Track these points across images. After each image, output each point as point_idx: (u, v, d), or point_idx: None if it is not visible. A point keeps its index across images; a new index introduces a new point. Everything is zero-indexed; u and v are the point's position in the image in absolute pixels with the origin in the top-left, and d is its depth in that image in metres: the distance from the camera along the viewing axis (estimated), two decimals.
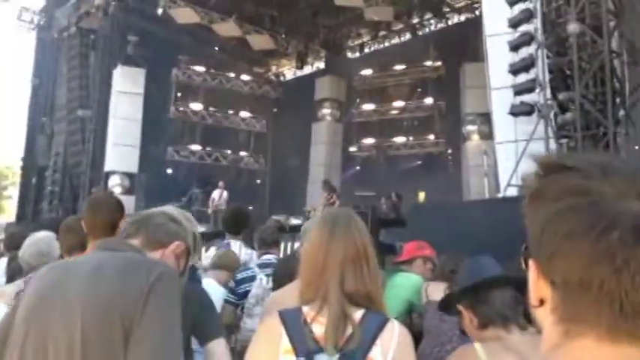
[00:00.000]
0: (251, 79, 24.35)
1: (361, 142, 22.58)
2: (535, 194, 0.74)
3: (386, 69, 22.23)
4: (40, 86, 22.97)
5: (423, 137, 21.13)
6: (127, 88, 19.15)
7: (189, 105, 22.75)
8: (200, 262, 5.43)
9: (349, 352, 1.71)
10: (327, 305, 1.78)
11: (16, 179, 28.99)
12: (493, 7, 11.12)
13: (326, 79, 23.08)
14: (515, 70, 10.26)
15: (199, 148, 22.70)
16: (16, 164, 29.17)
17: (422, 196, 17.24)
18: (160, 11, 19.20)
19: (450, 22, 20.87)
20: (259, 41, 21.58)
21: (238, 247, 5.09)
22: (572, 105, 9.96)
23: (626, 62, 10.32)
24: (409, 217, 9.38)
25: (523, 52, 10.29)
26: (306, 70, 24.63)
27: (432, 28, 21.37)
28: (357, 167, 22.13)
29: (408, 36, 22.06)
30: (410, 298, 4.17)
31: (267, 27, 21.60)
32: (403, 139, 21.67)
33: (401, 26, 22.01)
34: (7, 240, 5.31)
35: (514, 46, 10.32)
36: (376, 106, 22.54)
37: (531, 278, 0.74)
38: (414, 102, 21.64)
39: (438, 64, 20.74)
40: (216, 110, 23.33)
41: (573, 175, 0.70)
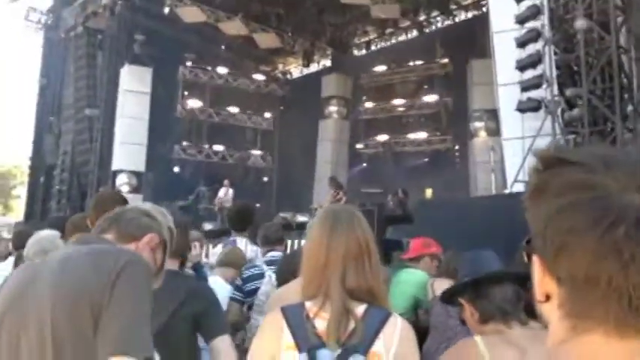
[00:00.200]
0: (258, 77, 24.35)
1: (368, 139, 22.51)
2: (536, 189, 0.73)
3: (392, 66, 22.17)
4: (47, 86, 23.07)
5: (430, 134, 21.07)
6: (134, 87, 19.20)
7: (195, 103, 22.77)
8: (207, 260, 5.46)
9: (351, 346, 1.71)
10: (330, 301, 1.79)
11: (25, 179, 29.12)
12: (500, 3, 11.09)
13: (332, 76, 23.06)
14: (522, 66, 10.23)
15: (206, 146, 22.74)
16: (24, 164, 29.35)
17: (429, 192, 17.21)
18: (167, 10, 19.26)
19: (457, 19, 20.83)
20: (266, 39, 21.61)
21: (244, 244, 5.09)
22: (580, 101, 9.92)
23: (633, 58, 10.26)
24: (416, 214, 9.39)
25: (530, 49, 10.26)
26: (313, 67, 24.61)
27: (439, 25, 21.32)
28: (364, 164, 22.10)
29: (414, 33, 22.00)
30: (415, 294, 4.17)
31: (273, 25, 21.61)
32: (410, 136, 21.61)
33: (408, 23, 21.94)
34: (15, 239, 5.35)
35: (521, 43, 10.28)
36: (383, 103, 22.47)
37: (536, 274, 0.73)
38: (421, 99, 21.59)
39: (445, 60, 20.65)
40: (223, 108, 23.35)
41: (575, 169, 0.69)
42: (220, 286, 4.15)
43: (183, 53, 21.73)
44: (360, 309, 1.79)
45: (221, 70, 23.09)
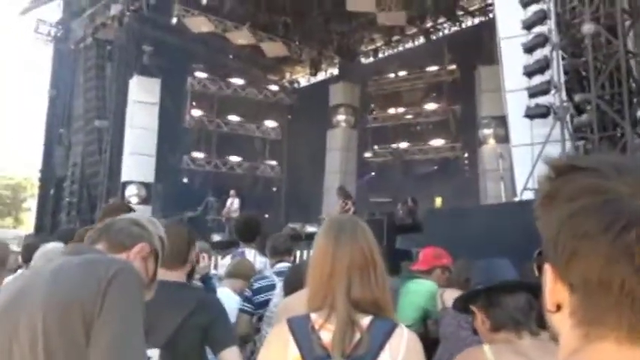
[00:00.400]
0: (265, 86, 24.42)
1: (376, 147, 22.47)
2: (547, 196, 0.74)
3: (400, 74, 22.18)
4: (57, 97, 23.19)
5: (438, 142, 21.02)
6: (142, 98, 19.28)
7: (204, 113, 22.85)
8: (216, 271, 5.45)
9: (357, 358, 1.71)
10: (335, 312, 1.78)
11: (35, 191, 29.27)
12: (507, 9, 11.06)
13: (340, 85, 23.06)
14: (529, 72, 10.18)
15: (215, 156, 22.78)
16: (34, 176, 29.48)
17: (439, 201, 17.14)
18: (174, 21, 19.32)
19: (464, 26, 20.81)
20: (273, 49, 21.69)
21: (253, 256, 5.08)
22: (589, 106, 9.86)
23: None
24: (425, 223, 9.36)
25: (537, 54, 10.21)
26: (320, 76, 24.64)
27: (446, 31, 21.29)
28: (373, 173, 22.06)
29: (421, 40, 21.97)
30: (424, 305, 4.13)
31: (280, 34, 21.68)
32: (419, 144, 21.57)
33: (414, 30, 21.95)
34: (23, 252, 5.34)
35: (528, 48, 10.25)
36: (391, 111, 22.47)
37: (547, 283, 0.73)
38: (429, 106, 21.57)
39: (453, 67, 20.61)
40: (231, 118, 23.41)
41: (588, 174, 0.70)
42: (229, 297, 4.14)
43: (191, 63, 21.81)
44: (365, 320, 1.78)
45: (229, 79, 23.18)
